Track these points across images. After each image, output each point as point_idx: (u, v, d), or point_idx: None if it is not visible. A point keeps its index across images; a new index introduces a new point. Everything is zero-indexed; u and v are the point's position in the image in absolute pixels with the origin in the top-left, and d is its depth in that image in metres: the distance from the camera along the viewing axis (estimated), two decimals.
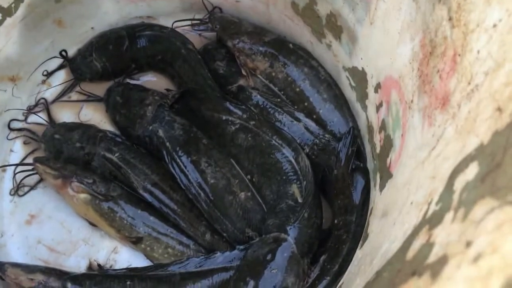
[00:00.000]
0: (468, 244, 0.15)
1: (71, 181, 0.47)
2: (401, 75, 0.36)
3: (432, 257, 0.19)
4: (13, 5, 0.45)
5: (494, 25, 0.22)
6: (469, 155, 0.21)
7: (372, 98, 0.43)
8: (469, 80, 0.24)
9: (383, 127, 0.41)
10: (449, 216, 0.20)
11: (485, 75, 0.22)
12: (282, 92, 0.51)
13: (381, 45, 0.39)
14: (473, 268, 0.14)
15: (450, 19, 0.27)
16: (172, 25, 0.53)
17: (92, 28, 0.54)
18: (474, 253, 0.15)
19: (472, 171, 0.20)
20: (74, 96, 0.54)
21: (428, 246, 0.20)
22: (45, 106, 0.53)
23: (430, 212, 0.23)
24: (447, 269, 0.16)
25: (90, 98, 0.54)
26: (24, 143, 0.53)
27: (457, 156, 0.23)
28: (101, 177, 0.48)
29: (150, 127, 0.49)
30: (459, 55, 0.26)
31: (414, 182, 0.30)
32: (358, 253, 0.41)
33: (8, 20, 0.46)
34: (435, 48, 0.29)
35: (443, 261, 0.16)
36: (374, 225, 0.40)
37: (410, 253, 0.22)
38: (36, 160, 0.49)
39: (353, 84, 0.47)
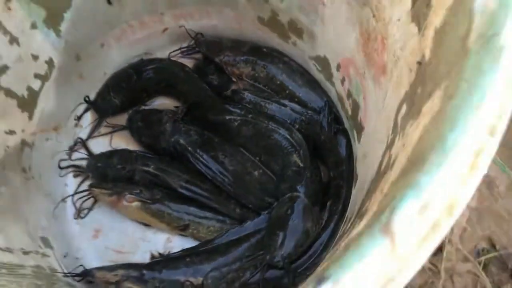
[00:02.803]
0: (404, 146, 0.29)
1: (124, 195, 0.60)
2: (352, 55, 0.50)
3: (391, 162, 0.32)
4: (48, 71, 0.57)
5: (398, 19, 0.36)
6: (402, 100, 0.35)
7: (336, 75, 0.57)
8: (393, 54, 0.38)
9: (349, 95, 0.55)
10: (397, 138, 0.34)
11: (400, 50, 0.36)
12: (266, 87, 0.64)
13: (334, 36, 0.52)
14: (403, 155, 0.27)
15: (373, 16, 0.41)
16: (169, 55, 0.66)
17: (104, 73, 0.66)
18: (406, 151, 0.28)
19: (404, 108, 0.34)
20: (103, 129, 0.67)
21: (389, 158, 0.34)
22: (82, 143, 0.66)
23: (389, 141, 0.37)
24: (396, 162, 0.29)
25: (116, 129, 0.67)
26: (74, 176, 0.65)
27: (396, 102, 0.37)
28: (144, 187, 0.61)
29: (172, 139, 0.62)
30: (385, 38, 0.40)
31: (377, 127, 0.44)
32: (353, 191, 0.55)
33: (46, 84, 0.58)
34: (369, 35, 0.43)
35: (394, 159, 0.30)
36: (359, 167, 0.54)
37: (381, 167, 0.36)
38: (92, 185, 0.61)
39: (319, 68, 0.60)
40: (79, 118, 0.66)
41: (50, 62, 0.57)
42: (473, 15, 0.21)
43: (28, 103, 0.56)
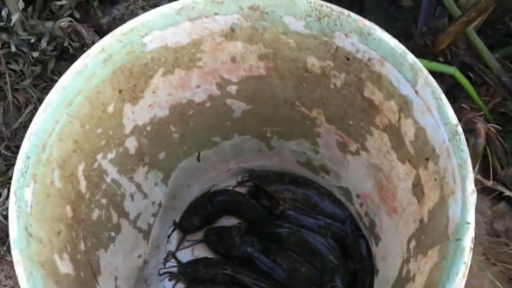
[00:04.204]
0: (420, 270, 0.56)
1: None
2: (370, 193, 0.77)
3: (411, 275, 0.59)
4: (158, 210, 0.83)
5: (403, 189, 0.64)
6: (410, 236, 0.62)
7: (356, 200, 0.84)
8: (401, 205, 0.65)
9: (366, 214, 0.82)
10: (411, 259, 0.60)
11: (406, 206, 0.64)
12: (304, 207, 0.91)
13: (355, 179, 0.80)
14: (421, 277, 0.54)
15: (385, 179, 0.69)
16: (234, 188, 0.93)
17: (186, 203, 0.92)
18: (423, 276, 0.55)
19: (413, 242, 0.61)
20: (186, 244, 0.92)
21: (407, 270, 0.60)
22: (172, 255, 0.90)
23: (404, 257, 0.64)
24: (417, 280, 0.56)
25: (196, 242, 0.92)
26: (169, 280, 0.89)
27: (406, 236, 0.63)
28: (225, 285, 0.85)
29: (241, 249, 0.88)
30: (394, 194, 0.67)
31: (393, 243, 0.70)
32: (376, 280, 0.81)
33: (156, 219, 0.84)
34: (383, 188, 0.70)
35: (413, 275, 0.57)
36: (379, 264, 0.80)
37: (402, 274, 0.62)
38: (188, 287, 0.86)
39: (341, 193, 0.88)
40: (168, 236, 0.91)
41: (159, 204, 0.83)
42: (448, 219, 0.48)
43: (147, 233, 0.82)
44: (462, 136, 0.48)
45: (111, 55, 0.55)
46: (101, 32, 1.01)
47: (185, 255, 0.91)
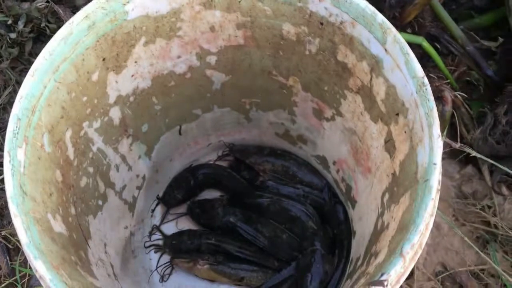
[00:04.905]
0: (393, 218, 0.60)
1: (198, 261, 0.87)
2: (345, 158, 0.81)
3: (385, 225, 0.63)
4: (142, 183, 0.85)
5: (377, 147, 0.68)
6: (384, 191, 0.66)
7: (332, 168, 0.88)
8: (375, 163, 0.69)
9: (343, 180, 0.86)
10: (385, 211, 0.64)
11: (380, 163, 0.68)
12: (283, 177, 0.95)
13: (331, 146, 0.83)
14: (394, 223, 0.58)
15: (360, 140, 0.73)
16: (215, 161, 0.96)
17: (169, 177, 0.95)
18: (396, 221, 0.59)
19: (386, 196, 0.65)
20: (170, 217, 0.95)
21: (382, 223, 0.64)
22: (157, 228, 0.93)
23: (379, 212, 0.68)
24: (390, 226, 0.60)
25: (180, 215, 0.94)
26: (155, 252, 0.91)
27: (380, 192, 0.68)
28: (209, 254, 0.88)
29: (224, 219, 0.90)
30: (368, 154, 0.71)
31: (368, 202, 0.74)
32: (353, 242, 0.85)
33: (141, 192, 0.86)
34: (357, 150, 0.74)
35: (387, 224, 0.61)
36: (356, 226, 0.84)
37: (377, 227, 0.66)
38: (173, 257, 0.88)
39: (318, 162, 0.92)
40: (152, 211, 0.94)
41: (143, 177, 0.86)
42: (417, 165, 0.52)
43: (132, 206, 0.84)
44: (428, 87, 0.52)
45: (94, 22, 0.58)
46: None
47: (170, 228, 0.93)
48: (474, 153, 0.79)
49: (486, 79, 0.92)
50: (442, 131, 0.86)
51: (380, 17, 0.55)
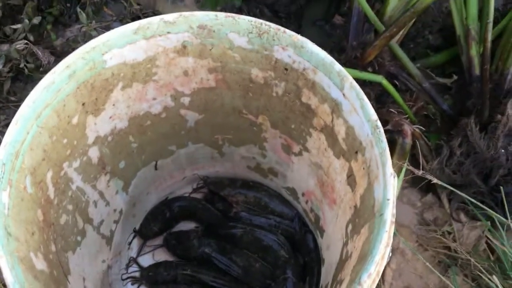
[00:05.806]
0: (355, 247, 0.65)
1: None
2: (313, 190, 0.86)
3: (349, 255, 0.68)
4: (119, 217, 0.89)
5: (340, 181, 0.73)
6: (347, 221, 0.71)
7: (301, 199, 0.93)
8: (339, 196, 0.75)
9: (312, 210, 0.91)
10: (349, 241, 0.69)
11: (344, 196, 0.73)
12: (255, 208, 0.99)
13: (300, 178, 0.88)
14: (356, 253, 0.63)
15: (325, 174, 0.78)
16: (190, 194, 1.00)
17: (146, 210, 0.98)
18: (357, 251, 0.64)
19: (350, 227, 0.70)
20: (146, 249, 0.97)
21: (346, 252, 0.69)
22: (134, 260, 0.96)
23: (344, 242, 0.73)
24: (353, 256, 0.65)
25: (156, 247, 0.97)
26: (132, 284, 0.94)
27: (344, 222, 0.73)
28: (185, 285, 0.92)
29: (199, 250, 0.94)
30: (333, 187, 0.76)
31: (334, 232, 0.79)
32: (323, 269, 0.90)
33: (118, 225, 0.89)
34: (323, 183, 0.80)
35: (351, 253, 0.65)
36: (325, 254, 0.89)
37: (343, 256, 0.71)
38: None
39: (289, 193, 0.97)
40: (129, 243, 0.97)
41: (121, 211, 0.89)
42: (375, 200, 0.58)
43: (110, 239, 0.87)
44: (381, 129, 0.58)
45: (75, 71, 0.62)
46: (56, 53, 1.07)
47: (147, 260, 0.96)
48: (435, 180, 0.84)
49: (442, 113, 0.99)
50: (403, 162, 0.92)
51: (338, 66, 0.61)
